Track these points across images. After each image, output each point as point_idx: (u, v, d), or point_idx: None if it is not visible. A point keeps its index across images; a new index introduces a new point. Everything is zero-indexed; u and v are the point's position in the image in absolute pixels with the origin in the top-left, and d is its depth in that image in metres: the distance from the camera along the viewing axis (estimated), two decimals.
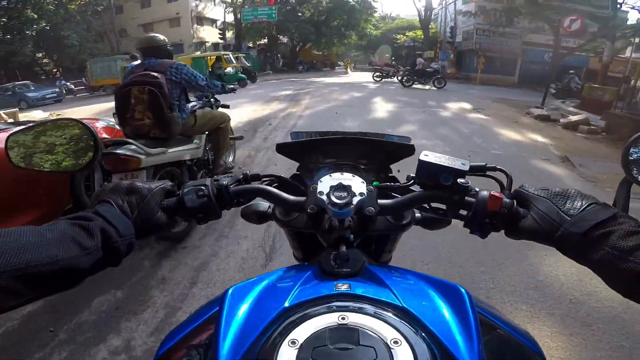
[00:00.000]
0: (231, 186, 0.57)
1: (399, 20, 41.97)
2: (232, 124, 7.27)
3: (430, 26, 28.69)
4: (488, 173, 0.55)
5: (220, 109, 3.69)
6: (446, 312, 0.40)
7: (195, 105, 3.13)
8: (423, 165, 0.50)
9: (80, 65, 22.64)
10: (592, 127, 6.89)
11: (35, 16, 23.70)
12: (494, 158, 4.70)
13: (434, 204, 0.56)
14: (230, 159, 4.06)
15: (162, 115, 2.39)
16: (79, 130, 0.59)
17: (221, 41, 26.13)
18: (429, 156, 0.51)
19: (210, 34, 30.68)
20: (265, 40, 30.71)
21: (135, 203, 0.49)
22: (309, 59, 30.28)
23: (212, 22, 31.46)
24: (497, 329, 0.46)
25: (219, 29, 27.44)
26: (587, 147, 5.73)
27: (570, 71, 14.77)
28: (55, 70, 26.74)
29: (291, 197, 0.56)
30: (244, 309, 0.42)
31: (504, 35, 21.48)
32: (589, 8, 14.29)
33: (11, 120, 6.82)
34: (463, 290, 0.43)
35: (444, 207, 0.54)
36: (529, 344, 0.46)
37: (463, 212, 0.51)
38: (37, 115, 9.32)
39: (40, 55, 26.04)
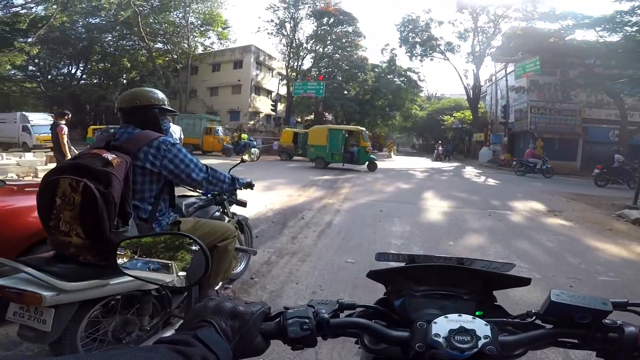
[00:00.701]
0: (330, 320, 0.56)
1: (445, 99, 41.45)
2: (262, 210, 6.34)
3: (479, 105, 28.20)
4: (630, 309, 0.53)
5: (233, 209, 2.76)
6: None
7: (194, 204, 2.28)
8: (555, 307, 0.48)
9: None
10: None
11: (129, 65, 27.19)
12: (605, 286, 3.61)
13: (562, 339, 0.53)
14: (240, 268, 3.09)
15: (99, 235, 1.43)
16: (193, 247, 0.60)
17: (273, 113, 27.81)
18: (561, 295, 0.49)
19: (264, 105, 32.87)
20: (312, 117, 32.17)
21: (238, 327, 0.49)
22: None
23: (268, 92, 33.88)
24: None
25: (272, 100, 29.37)
26: None
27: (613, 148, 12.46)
28: None
29: (394, 333, 0.55)
30: None
31: (561, 112, 20.28)
32: None
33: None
34: None
35: (574, 341, 0.51)
36: None
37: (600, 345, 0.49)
38: None
39: None
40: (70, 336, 1.52)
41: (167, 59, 29.81)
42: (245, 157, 2.72)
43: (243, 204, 2.86)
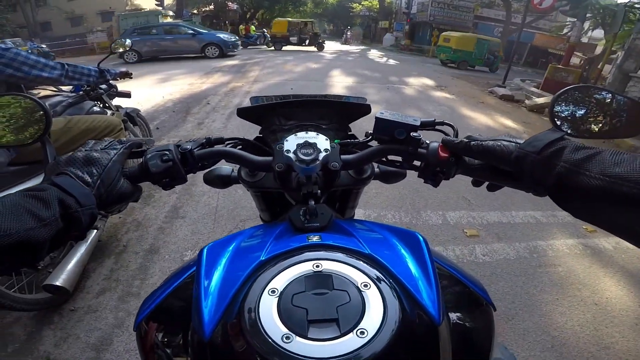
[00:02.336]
0: (195, 150, 0.56)
1: None
2: (159, 101, 5.91)
3: None
4: (437, 127, 0.58)
5: (115, 102, 2.58)
6: (407, 257, 0.44)
7: (61, 102, 2.05)
8: (380, 122, 0.54)
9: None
10: None
11: None
12: None
13: (390, 157, 0.59)
14: None
15: None
16: (24, 104, 0.53)
17: (159, 8, 22.80)
18: (384, 114, 0.54)
19: (146, 1, 26.92)
20: (212, 7, 27.55)
21: (96, 173, 0.46)
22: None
23: None
24: (451, 278, 0.51)
25: None
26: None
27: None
28: None
29: (258, 158, 0.57)
30: (221, 265, 0.43)
31: (458, 8, 21.81)
32: None
33: None
34: (420, 236, 0.46)
35: (399, 159, 0.57)
36: (480, 292, 0.51)
37: (417, 163, 0.56)
38: None
39: None
40: None
41: None
42: (120, 49, 2.65)
43: (126, 94, 2.75)
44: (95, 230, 1.86)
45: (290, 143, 0.53)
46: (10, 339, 1.54)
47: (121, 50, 2.67)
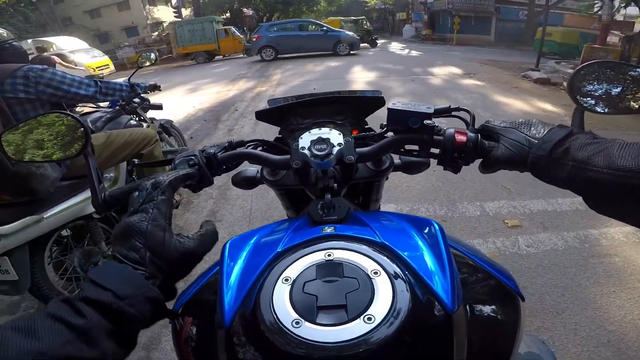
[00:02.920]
0: (219, 153, 0.59)
1: None
2: (191, 111, 6.09)
3: None
4: (454, 113, 0.58)
5: (149, 114, 2.72)
6: (421, 244, 0.43)
7: (101, 118, 2.16)
8: (392, 113, 0.53)
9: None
10: None
11: None
12: None
13: (408, 147, 0.59)
14: None
15: (0, 170, 1.36)
16: (67, 121, 0.54)
17: (178, 19, 23.72)
18: (397, 104, 0.53)
19: (165, 14, 28.50)
20: (228, 15, 28.36)
21: (140, 244, 0.39)
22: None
23: (166, 0, 29.08)
24: (474, 266, 0.50)
25: (174, 7, 25.11)
26: (605, 115, 5.01)
27: None
28: None
29: (277, 157, 0.59)
30: (242, 258, 0.45)
31: None
32: None
33: None
34: (435, 224, 0.45)
35: (417, 148, 0.57)
36: (507, 282, 0.49)
37: (435, 150, 0.55)
38: None
39: None
40: (43, 279, 1.57)
41: None
42: (146, 63, 2.73)
43: (158, 106, 2.81)
44: None
45: (305, 140, 0.54)
46: None
47: (148, 63, 2.75)
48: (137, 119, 2.53)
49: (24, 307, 1.93)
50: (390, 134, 0.58)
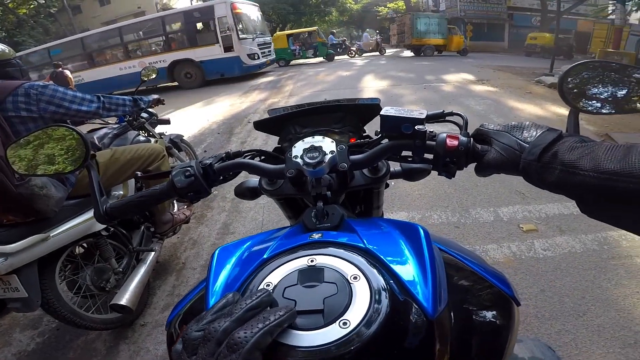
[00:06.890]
0: (215, 164, 0.60)
1: None
2: (205, 124, 6.17)
3: None
4: (448, 118, 0.59)
5: (157, 129, 2.64)
6: (405, 249, 0.43)
7: (107, 134, 2.12)
8: (385, 120, 0.53)
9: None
10: None
11: None
12: None
13: (404, 154, 0.58)
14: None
15: (6, 192, 1.36)
16: (67, 133, 0.58)
17: None
18: (389, 110, 0.53)
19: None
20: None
21: None
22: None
23: None
24: (466, 271, 0.50)
25: None
26: (619, 119, 4.87)
27: None
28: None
29: (272, 166, 0.60)
30: (229, 266, 0.47)
31: (488, 1, 21.17)
32: None
33: None
34: (421, 228, 0.46)
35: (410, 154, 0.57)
36: (502, 287, 0.48)
37: (429, 156, 0.54)
38: None
39: None
40: (55, 297, 1.54)
41: (32, 6, 23.64)
42: (152, 75, 2.66)
43: (165, 121, 2.77)
44: (153, 252, 1.98)
45: (298, 149, 0.55)
46: (93, 354, 1.72)
47: (154, 76, 2.68)
48: (145, 134, 2.49)
49: (45, 321, 1.98)
50: (385, 140, 0.58)
